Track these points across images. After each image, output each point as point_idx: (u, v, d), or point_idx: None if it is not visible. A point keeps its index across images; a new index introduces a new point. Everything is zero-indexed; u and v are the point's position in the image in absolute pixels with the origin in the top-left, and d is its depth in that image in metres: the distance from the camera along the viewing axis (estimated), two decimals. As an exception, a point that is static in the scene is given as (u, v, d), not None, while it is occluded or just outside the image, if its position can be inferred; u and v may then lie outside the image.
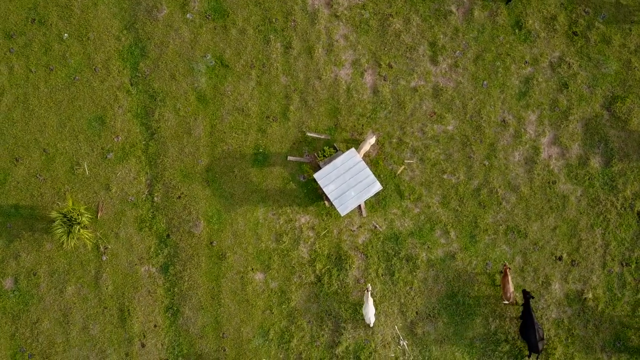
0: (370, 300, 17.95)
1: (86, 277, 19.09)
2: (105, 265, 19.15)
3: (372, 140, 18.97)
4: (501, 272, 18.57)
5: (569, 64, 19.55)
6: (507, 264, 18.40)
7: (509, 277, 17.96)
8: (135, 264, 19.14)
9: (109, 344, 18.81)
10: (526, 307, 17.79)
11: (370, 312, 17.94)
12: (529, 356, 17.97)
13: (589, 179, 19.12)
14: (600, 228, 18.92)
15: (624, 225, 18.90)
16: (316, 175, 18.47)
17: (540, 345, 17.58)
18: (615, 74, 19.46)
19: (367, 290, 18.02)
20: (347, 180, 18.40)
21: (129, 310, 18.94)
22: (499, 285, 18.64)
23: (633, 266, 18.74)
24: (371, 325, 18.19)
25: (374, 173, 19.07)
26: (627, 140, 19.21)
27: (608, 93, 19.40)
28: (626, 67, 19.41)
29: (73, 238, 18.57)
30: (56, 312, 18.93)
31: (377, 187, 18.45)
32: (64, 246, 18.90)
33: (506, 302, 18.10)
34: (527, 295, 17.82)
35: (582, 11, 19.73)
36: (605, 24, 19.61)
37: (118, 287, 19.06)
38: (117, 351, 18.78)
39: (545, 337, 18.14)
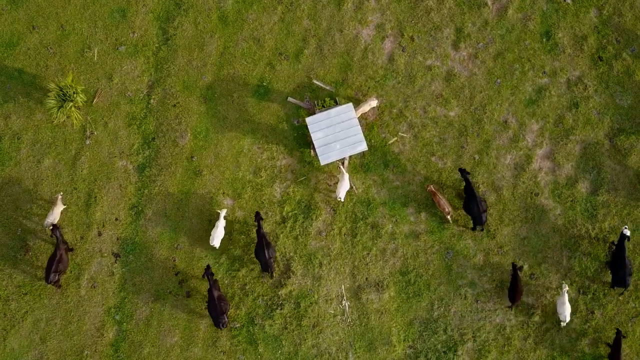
0: (347, 176, 18.30)
1: (66, 154, 19.49)
2: (86, 149, 19.54)
3: (374, 103, 19.09)
4: (431, 193, 18.80)
5: (586, 85, 19.45)
6: (429, 185, 18.71)
7: (439, 195, 18.41)
8: (115, 156, 19.51)
9: (69, 223, 19.20)
10: (467, 184, 18.25)
11: (343, 188, 18.28)
12: (474, 229, 18.52)
13: (571, 201, 19.04)
14: (568, 251, 18.84)
15: (592, 255, 18.79)
16: (308, 119, 18.65)
17: (483, 217, 18.19)
18: (628, 107, 19.33)
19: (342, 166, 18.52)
20: (336, 132, 18.55)
21: (96, 197, 19.31)
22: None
23: (589, 296, 18.64)
24: (342, 200, 18.48)
25: (364, 135, 19.17)
26: (620, 175, 19.07)
27: (615, 124, 19.27)
28: (640, 104, 19.31)
29: (63, 114, 18.97)
30: (28, 179, 19.37)
31: (363, 146, 18.58)
32: (53, 119, 19.30)
33: (449, 216, 18.47)
34: (465, 174, 18.32)
35: (613, 39, 19.60)
36: (632, 57, 19.47)
37: (92, 173, 19.44)
38: (74, 232, 19.17)
39: (487, 209, 18.51)
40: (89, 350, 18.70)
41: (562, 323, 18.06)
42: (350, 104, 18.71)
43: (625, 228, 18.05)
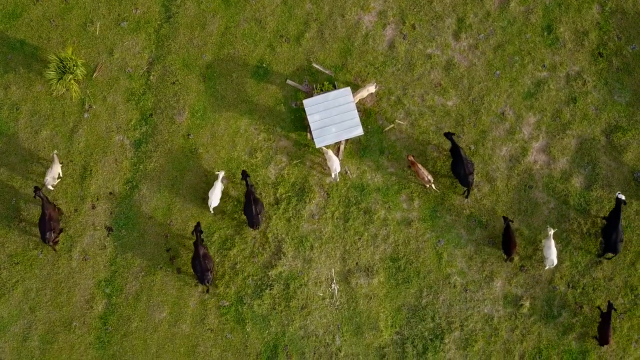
0: (330, 152, 18.55)
1: (63, 127, 19.57)
2: (84, 122, 19.62)
3: (372, 89, 19.12)
4: (408, 166, 18.99)
5: (585, 81, 19.46)
6: (408, 155, 18.76)
7: (418, 165, 18.48)
8: (112, 131, 19.58)
9: (63, 195, 19.28)
10: (453, 146, 18.37)
11: (334, 165, 18.48)
12: (464, 193, 18.73)
13: (565, 195, 19.05)
14: (559, 245, 18.84)
15: (583, 250, 18.80)
16: (305, 102, 18.69)
17: (470, 178, 18.22)
18: (626, 104, 19.32)
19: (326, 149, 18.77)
20: (333, 116, 18.59)
21: (91, 170, 19.39)
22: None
23: (579, 291, 18.65)
24: (334, 174, 18.69)
25: (361, 120, 19.21)
26: (614, 171, 19.07)
27: (612, 121, 19.28)
28: (638, 102, 19.25)
29: (63, 86, 19.07)
30: (25, 150, 19.45)
31: (359, 131, 18.62)
32: (52, 91, 19.38)
33: (429, 185, 18.62)
34: (450, 137, 18.40)
35: (614, 36, 19.60)
36: (633, 55, 19.46)
37: (89, 147, 19.52)
38: (68, 204, 19.25)
39: (474, 171, 18.57)
40: (77, 322, 18.78)
41: (548, 266, 18.19)
42: (349, 88, 18.76)
43: (619, 193, 18.13)
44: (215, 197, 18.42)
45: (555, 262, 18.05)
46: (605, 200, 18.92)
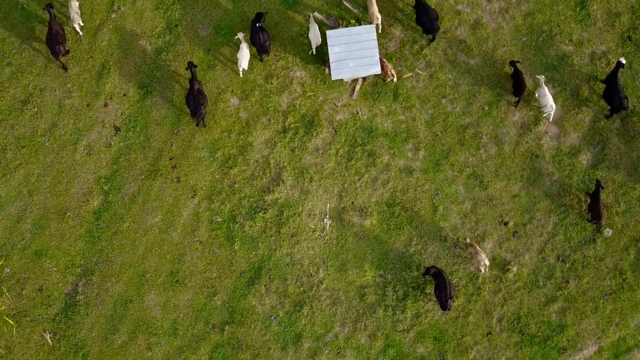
0: (316, 27, 19.02)
1: (89, 23, 19.82)
2: (110, 22, 19.86)
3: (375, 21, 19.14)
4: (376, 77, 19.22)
5: (609, 61, 19.36)
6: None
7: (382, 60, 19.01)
8: (136, 35, 19.81)
9: (78, 88, 19.56)
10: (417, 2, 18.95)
11: (315, 37, 18.95)
12: (432, 41, 19.30)
13: (570, 170, 19.00)
14: (556, 217, 18.83)
15: (579, 226, 18.76)
16: (328, 32, 18.79)
17: (435, 25, 18.81)
18: (646, 91, 19.23)
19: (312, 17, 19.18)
20: (353, 51, 18.67)
21: (109, 70, 19.64)
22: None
23: (567, 265, 18.63)
24: (314, 47, 19.13)
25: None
26: (624, 155, 18.99)
27: (630, 105, 19.16)
28: (659, 90, 19.17)
29: (95, -18, 19.32)
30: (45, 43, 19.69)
31: (376, 69, 18.69)
32: (84, -14, 19.68)
33: (394, 79, 18.98)
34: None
35: (647, 22, 19.49)
36: (662, 44, 19.34)
37: (111, 46, 19.76)
38: (81, 97, 19.53)
39: (438, 26, 19.02)
40: (71, 212, 19.08)
41: (547, 112, 18.56)
42: (374, 26, 18.82)
43: (621, 58, 18.56)
44: (244, 59, 18.84)
45: (554, 106, 18.44)
46: (609, 181, 18.86)
